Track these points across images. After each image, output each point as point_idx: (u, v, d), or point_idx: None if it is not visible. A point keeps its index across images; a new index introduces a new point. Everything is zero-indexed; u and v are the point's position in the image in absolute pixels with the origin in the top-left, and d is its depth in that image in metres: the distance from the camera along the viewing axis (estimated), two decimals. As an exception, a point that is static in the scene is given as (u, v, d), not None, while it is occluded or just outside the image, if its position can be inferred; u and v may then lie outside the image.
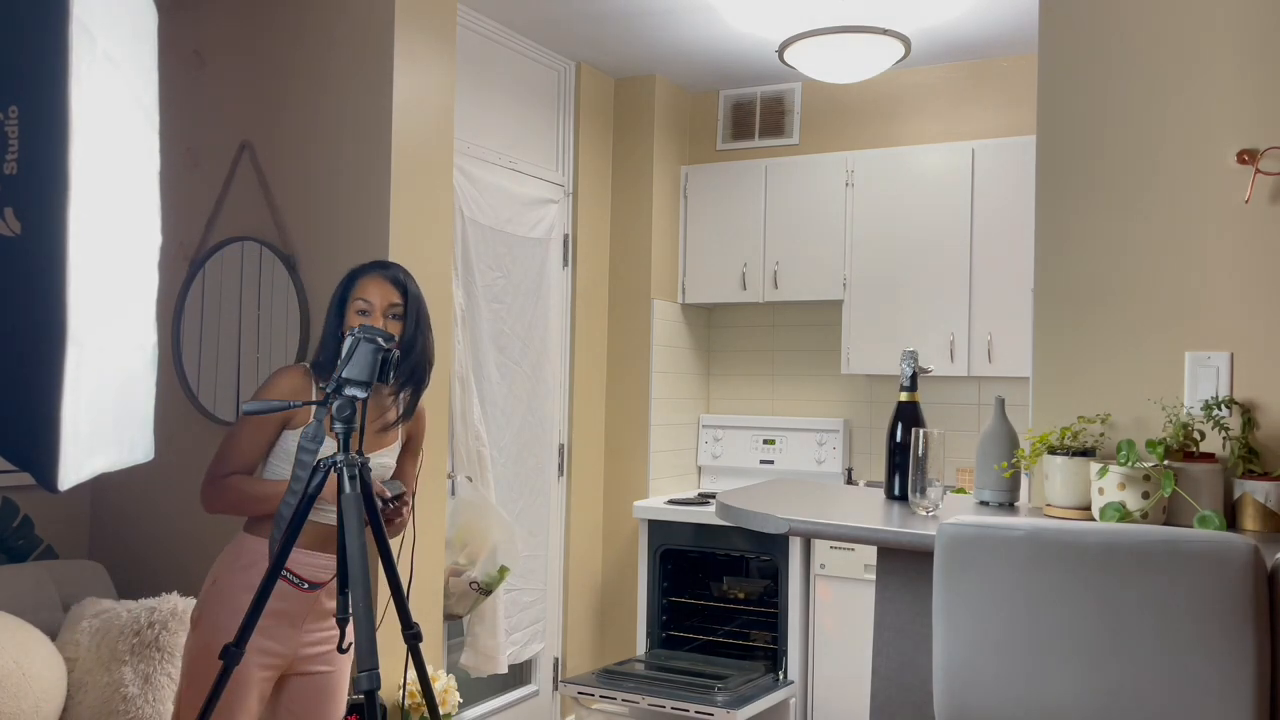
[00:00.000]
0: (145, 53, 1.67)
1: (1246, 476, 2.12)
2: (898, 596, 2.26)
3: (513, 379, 4.22)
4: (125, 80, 1.56)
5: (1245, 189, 2.20)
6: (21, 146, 1.36)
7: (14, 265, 1.38)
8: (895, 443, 2.47)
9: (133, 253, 1.66)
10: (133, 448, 1.71)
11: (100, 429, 1.53)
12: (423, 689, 2.26)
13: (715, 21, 4.12)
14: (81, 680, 3.07)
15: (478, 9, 4.00)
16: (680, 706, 3.83)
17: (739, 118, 4.97)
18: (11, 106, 1.36)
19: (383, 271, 2.48)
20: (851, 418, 4.84)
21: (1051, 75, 2.40)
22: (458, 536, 3.76)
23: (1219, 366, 2.22)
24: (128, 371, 1.64)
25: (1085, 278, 2.35)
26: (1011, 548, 1.69)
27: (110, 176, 1.52)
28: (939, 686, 1.76)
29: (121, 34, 1.54)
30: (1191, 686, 1.57)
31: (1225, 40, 2.24)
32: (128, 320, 1.64)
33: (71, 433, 1.41)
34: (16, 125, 1.36)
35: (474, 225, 4.00)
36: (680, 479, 4.97)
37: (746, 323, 5.09)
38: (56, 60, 1.34)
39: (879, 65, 3.75)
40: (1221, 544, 1.57)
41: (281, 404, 2.15)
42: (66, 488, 1.42)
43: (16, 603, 3.17)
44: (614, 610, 4.81)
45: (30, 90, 1.36)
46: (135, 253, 1.67)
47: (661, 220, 4.83)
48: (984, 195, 4.30)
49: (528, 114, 4.39)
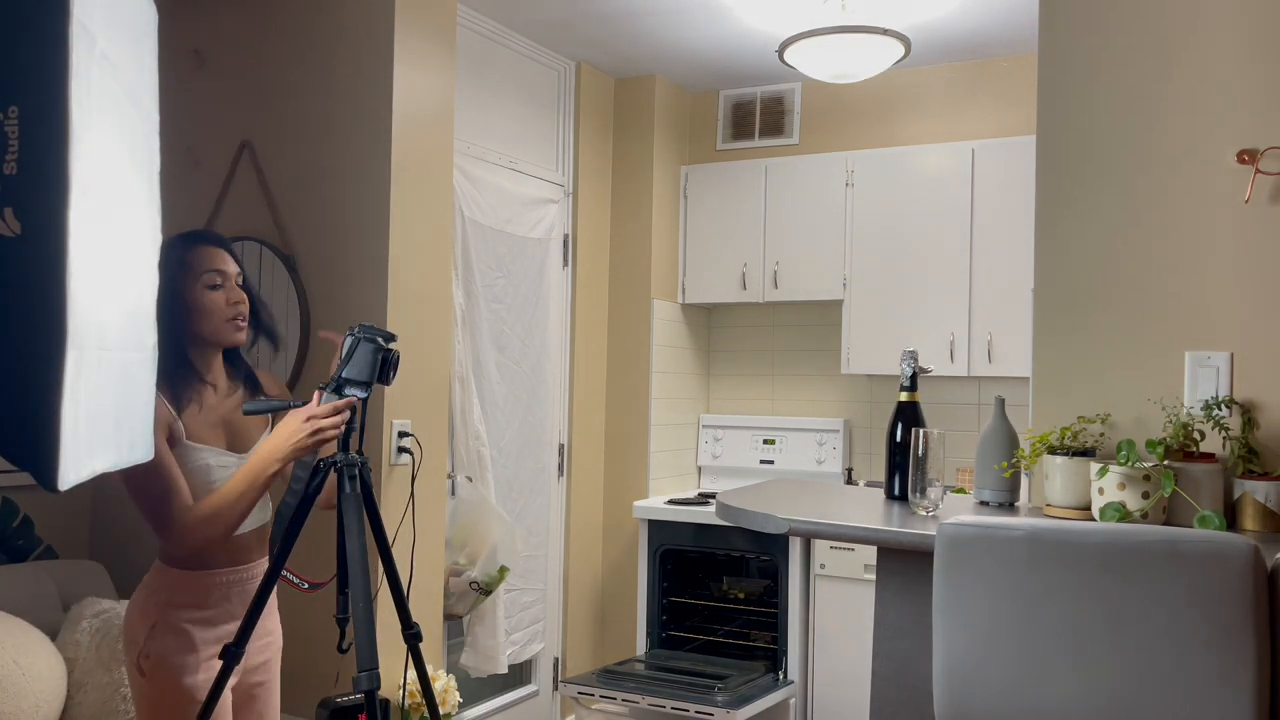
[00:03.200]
0: (145, 53, 1.66)
1: (1246, 476, 2.12)
2: (898, 596, 2.26)
3: (513, 379, 4.22)
4: (125, 80, 1.56)
5: (1245, 189, 2.20)
6: (21, 146, 1.36)
7: (14, 266, 1.38)
8: (895, 443, 2.47)
9: (132, 253, 1.66)
10: (132, 448, 1.71)
11: (100, 429, 1.53)
12: (423, 689, 2.26)
13: (715, 21, 4.12)
14: (81, 680, 3.07)
15: (478, 9, 4.00)
16: (680, 706, 3.83)
17: (739, 118, 4.97)
18: (11, 106, 1.36)
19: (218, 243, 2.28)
20: (851, 418, 4.84)
21: (1051, 75, 2.40)
22: (458, 536, 3.76)
23: (1219, 366, 2.22)
24: (127, 371, 1.64)
25: (1085, 278, 2.35)
26: (1011, 548, 1.69)
27: (110, 176, 1.51)
28: (939, 686, 1.76)
29: (121, 34, 1.54)
30: (1192, 686, 1.57)
31: (1225, 40, 2.24)
32: (128, 320, 1.64)
33: (71, 433, 1.40)
34: (16, 125, 1.36)
35: (474, 225, 4.00)
36: (680, 479, 4.97)
37: (746, 323, 5.09)
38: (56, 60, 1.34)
39: (879, 65, 3.75)
40: (1221, 544, 1.57)
41: (282, 404, 2.15)
42: (66, 488, 1.42)
43: (16, 603, 3.16)
44: (614, 610, 4.81)
45: (30, 90, 1.36)
46: (135, 253, 1.67)
47: (661, 220, 4.83)
48: (984, 195, 4.30)
49: (528, 114, 4.39)
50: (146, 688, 2.16)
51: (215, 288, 2.20)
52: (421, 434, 3.43)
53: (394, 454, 3.36)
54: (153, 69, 1.69)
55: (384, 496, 3.31)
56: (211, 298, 2.20)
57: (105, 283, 1.53)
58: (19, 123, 1.36)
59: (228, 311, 2.22)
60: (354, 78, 3.42)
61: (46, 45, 1.34)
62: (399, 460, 3.37)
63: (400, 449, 3.37)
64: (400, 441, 3.37)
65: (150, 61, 1.68)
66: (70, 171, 1.36)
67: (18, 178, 1.36)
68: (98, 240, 1.47)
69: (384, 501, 3.29)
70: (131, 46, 1.59)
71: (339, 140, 3.44)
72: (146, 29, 1.67)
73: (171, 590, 2.18)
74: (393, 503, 3.31)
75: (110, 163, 1.51)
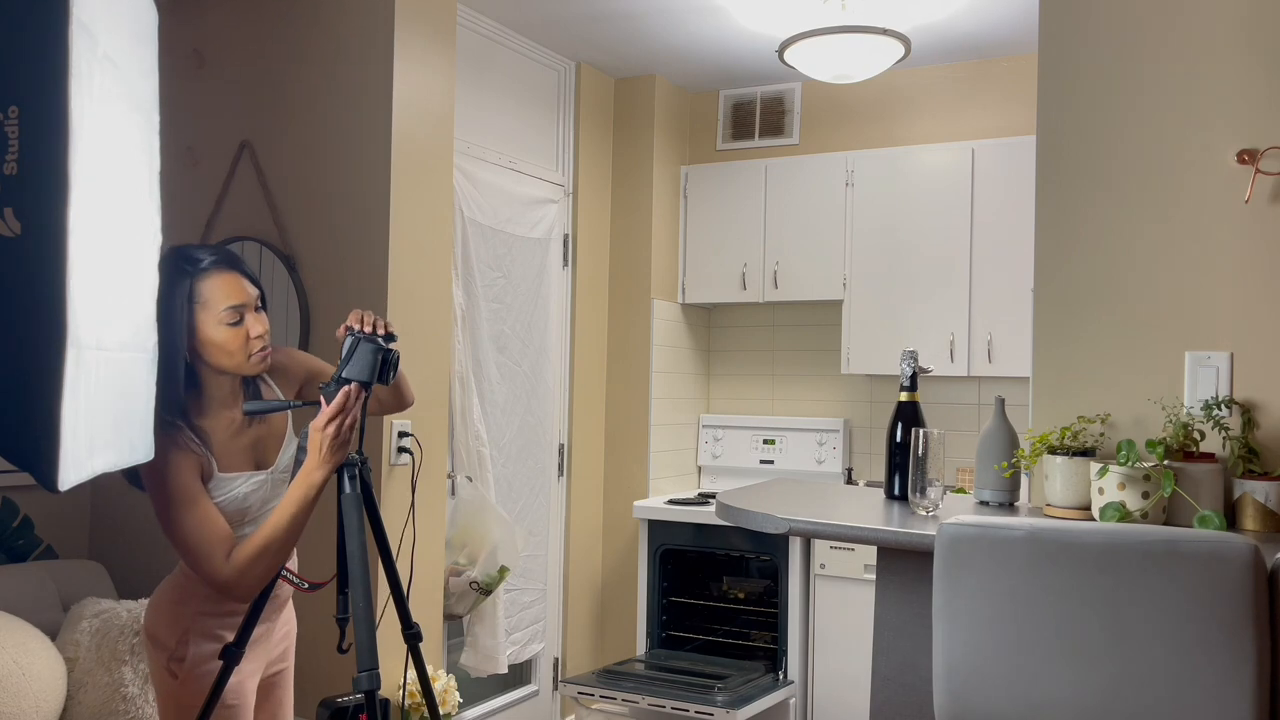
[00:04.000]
0: (145, 53, 1.67)
1: (1246, 476, 2.12)
2: (898, 596, 2.26)
3: (513, 379, 4.22)
4: (125, 80, 1.56)
5: (1245, 189, 2.20)
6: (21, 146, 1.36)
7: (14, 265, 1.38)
8: (895, 443, 2.47)
9: (133, 253, 1.66)
10: (132, 448, 1.71)
11: (100, 429, 1.53)
12: (423, 689, 2.26)
13: (715, 21, 4.12)
14: (81, 680, 3.07)
15: (478, 9, 4.00)
16: (680, 706, 3.83)
17: (739, 118, 4.97)
18: (11, 107, 1.36)
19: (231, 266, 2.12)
20: (851, 418, 4.84)
21: (1051, 75, 2.40)
22: (458, 536, 3.76)
23: (1219, 366, 2.22)
24: (128, 372, 1.64)
25: (1085, 278, 2.35)
26: (1012, 548, 1.69)
27: (110, 176, 1.51)
28: (939, 686, 1.76)
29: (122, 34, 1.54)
30: (1191, 686, 1.57)
31: (1225, 40, 2.24)
32: (128, 320, 1.64)
33: (71, 433, 1.41)
34: (16, 125, 1.36)
35: (474, 225, 4.00)
36: (680, 479, 4.97)
37: (746, 323, 5.10)
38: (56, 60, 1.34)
39: (879, 65, 3.75)
40: (1221, 544, 1.57)
41: (282, 403, 2.14)
42: (67, 488, 1.42)
43: (16, 603, 3.17)
44: (614, 610, 4.81)
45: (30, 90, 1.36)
46: (135, 253, 1.67)
47: (661, 220, 4.83)
48: (984, 195, 4.30)
49: (528, 114, 4.39)
50: (178, 690, 2.13)
51: (235, 324, 2.08)
52: (421, 434, 3.43)
53: (394, 454, 3.36)
54: (153, 69, 1.70)
55: (384, 496, 3.31)
56: (230, 334, 2.08)
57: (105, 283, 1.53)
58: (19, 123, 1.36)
59: (250, 346, 2.10)
60: (354, 78, 3.42)
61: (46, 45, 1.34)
62: (399, 460, 3.37)
63: (400, 449, 3.37)
64: (400, 441, 3.37)
65: (150, 62, 1.69)
66: (70, 171, 1.36)
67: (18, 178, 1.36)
68: (98, 240, 1.47)
69: (384, 501, 3.29)
70: (132, 47, 1.59)
71: (339, 140, 3.44)
72: (147, 30, 1.67)
73: (204, 600, 2.15)
74: (393, 503, 3.32)
75: (110, 163, 1.51)
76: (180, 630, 2.15)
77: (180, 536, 2.03)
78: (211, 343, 2.08)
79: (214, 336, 2.07)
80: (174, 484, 2.02)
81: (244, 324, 2.09)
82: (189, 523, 2.02)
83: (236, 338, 2.09)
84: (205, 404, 2.13)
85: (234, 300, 2.08)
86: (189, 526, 2.02)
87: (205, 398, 2.13)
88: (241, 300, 2.09)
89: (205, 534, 2.02)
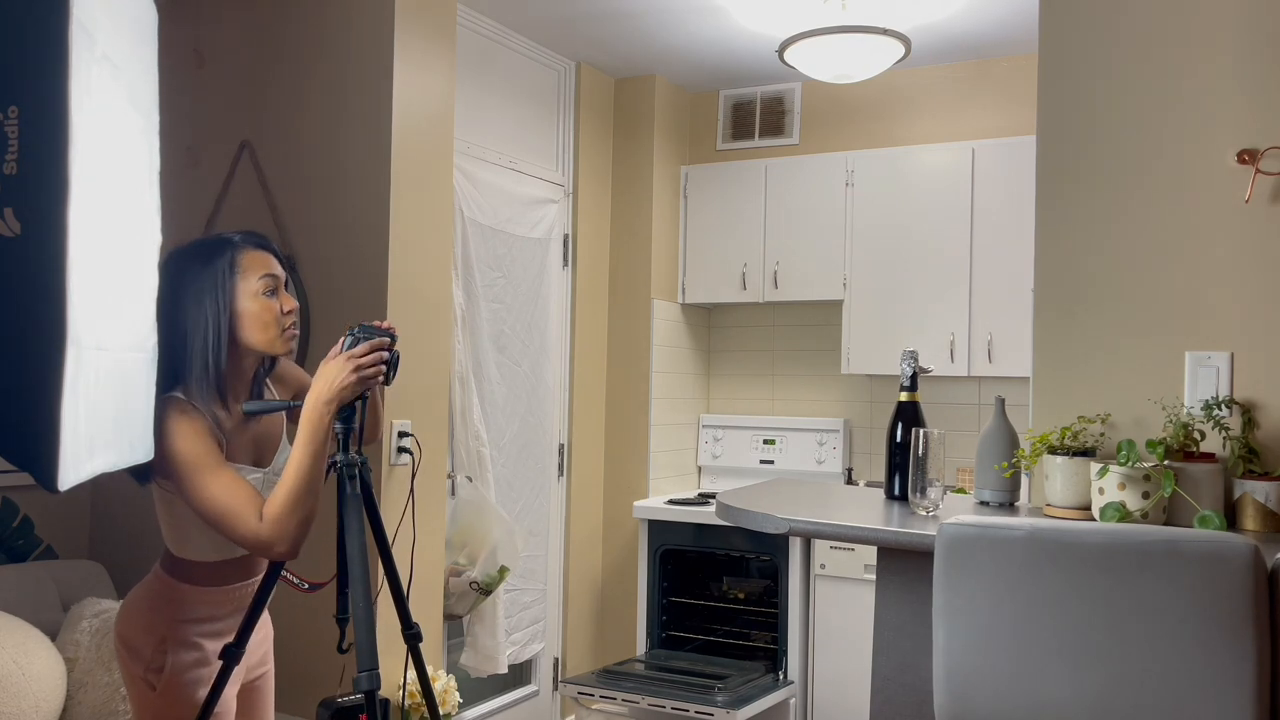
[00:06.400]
0: (145, 53, 1.67)
1: (1246, 476, 2.12)
2: (898, 596, 2.26)
3: (513, 379, 4.22)
4: (125, 80, 1.56)
5: (1245, 189, 2.20)
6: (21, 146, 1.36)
7: (14, 265, 1.38)
8: (895, 443, 2.47)
9: (132, 253, 1.66)
10: (132, 448, 1.71)
11: (100, 429, 1.53)
12: (423, 689, 2.26)
13: (715, 21, 4.12)
14: (81, 680, 3.07)
15: (478, 9, 4.00)
16: (680, 706, 3.83)
17: (739, 118, 4.97)
18: (11, 107, 1.36)
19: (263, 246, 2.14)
20: (851, 418, 4.84)
21: (1051, 75, 2.40)
22: (458, 536, 3.76)
23: (1219, 366, 2.22)
24: (127, 372, 1.65)
25: (1085, 278, 2.35)
26: (1012, 548, 1.69)
27: (110, 176, 1.52)
28: (939, 686, 1.76)
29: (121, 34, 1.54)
30: (1192, 686, 1.57)
31: (1225, 40, 2.24)
32: (127, 320, 1.64)
33: (71, 433, 1.41)
34: (16, 125, 1.36)
35: (474, 225, 4.00)
36: (680, 479, 4.97)
37: (746, 323, 5.10)
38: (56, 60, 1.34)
39: (879, 65, 3.75)
40: (1221, 544, 1.57)
41: (281, 403, 2.14)
42: (66, 488, 1.42)
43: (16, 603, 3.17)
44: (614, 610, 4.81)
45: (30, 90, 1.36)
46: (135, 253, 1.67)
47: (661, 220, 4.83)
48: (984, 195, 4.30)
49: (528, 114, 4.39)
50: (157, 702, 2.08)
51: (271, 293, 2.08)
52: (421, 434, 3.43)
53: (394, 454, 3.36)
54: (153, 69, 1.70)
55: (384, 496, 3.31)
56: (266, 304, 2.07)
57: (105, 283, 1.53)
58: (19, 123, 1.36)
59: (284, 320, 2.10)
60: (354, 78, 3.42)
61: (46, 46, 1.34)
62: (399, 460, 3.37)
63: (400, 449, 3.37)
64: (400, 441, 3.37)
65: (150, 62, 1.69)
66: (70, 171, 1.36)
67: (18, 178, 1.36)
68: (98, 240, 1.47)
69: (384, 501, 3.29)
70: (132, 47, 1.59)
71: (339, 140, 3.44)
72: (147, 30, 1.67)
73: (181, 605, 2.10)
74: (393, 503, 3.31)
75: (110, 163, 1.51)
76: (156, 638, 2.08)
77: (208, 503, 1.96)
78: (247, 313, 2.07)
79: (250, 307, 2.06)
80: (194, 451, 1.97)
81: (278, 297, 2.09)
82: (215, 487, 1.96)
83: (270, 309, 2.08)
84: (225, 386, 2.10)
85: (271, 269, 2.10)
86: (215, 490, 1.96)
87: (226, 381, 2.10)
88: (276, 271, 2.11)
89: (234, 496, 1.96)
